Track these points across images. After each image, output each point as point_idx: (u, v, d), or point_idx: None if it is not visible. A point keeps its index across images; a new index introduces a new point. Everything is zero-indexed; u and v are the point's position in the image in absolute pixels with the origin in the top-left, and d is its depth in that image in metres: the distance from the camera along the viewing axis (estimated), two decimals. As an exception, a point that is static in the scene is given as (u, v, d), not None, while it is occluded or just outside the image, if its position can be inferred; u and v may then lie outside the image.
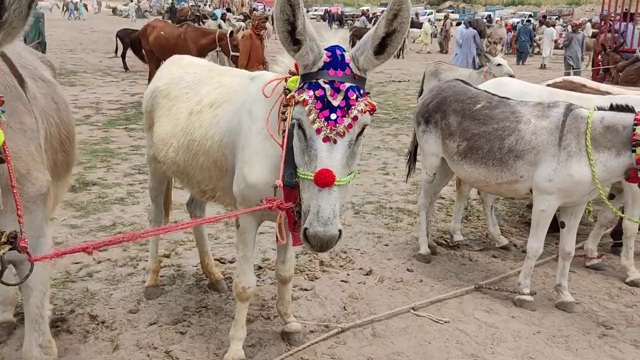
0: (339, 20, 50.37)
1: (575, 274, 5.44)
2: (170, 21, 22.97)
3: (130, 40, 17.28)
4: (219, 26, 18.28)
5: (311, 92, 2.53)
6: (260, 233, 5.61)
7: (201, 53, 13.09)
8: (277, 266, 3.89)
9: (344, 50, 2.66)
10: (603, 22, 15.99)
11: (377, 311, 4.49)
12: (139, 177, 7.86)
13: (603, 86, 6.38)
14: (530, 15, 45.27)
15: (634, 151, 4.07)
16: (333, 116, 2.51)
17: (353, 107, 2.52)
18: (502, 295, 4.85)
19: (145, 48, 14.21)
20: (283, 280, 3.89)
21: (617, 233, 5.94)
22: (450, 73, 10.44)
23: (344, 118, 2.51)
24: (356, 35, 29.77)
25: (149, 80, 12.62)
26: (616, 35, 15.43)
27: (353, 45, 2.73)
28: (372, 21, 34.65)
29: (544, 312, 4.65)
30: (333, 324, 4.19)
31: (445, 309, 4.61)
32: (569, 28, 27.05)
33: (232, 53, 12.99)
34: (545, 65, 27.03)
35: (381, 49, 2.57)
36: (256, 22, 11.54)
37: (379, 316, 4.38)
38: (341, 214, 2.59)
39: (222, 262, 5.25)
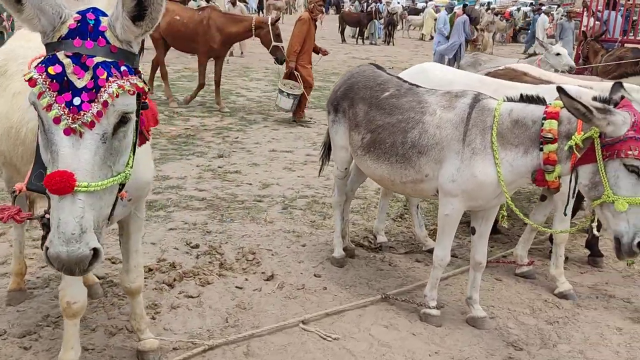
0: (335, 5, 46.45)
1: (502, 282, 4.94)
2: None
3: None
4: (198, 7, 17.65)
5: (43, 69, 1.97)
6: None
7: (229, 43, 11.58)
8: (120, 277, 3.36)
9: (103, 15, 2.10)
10: (586, 9, 15.30)
11: (263, 324, 3.99)
12: None
13: (547, 75, 5.83)
14: (531, 4, 44.26)
15: (541, 149, 3.53)
16: (76, 101, 1.96)
17: (103, 89, 1.98)
18: (410, 307, 4.33)
19: (153, 35, 11.33)
20: (129, 293, 3.37)
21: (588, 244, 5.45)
22: (491, 64, 8.69)
23: (92, 104, 1.97)
24: (345, 19, 29.13)
25: (151, 74, 11.78)
26: (598, 23, 14.79)
27: (342, 32, 2.11)
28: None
29: (450, 328, 4.15)
30: (200, 341, 3.67)
31: (340, 322, 4.11)
32: (564, 16, 26.35)
33: (273, 43, 10.77)
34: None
35: (140, 13, 2.02)
36: (312, 4, 10.29)
37: (260, 330, 3.88)
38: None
39: (112, 262, 4.73)
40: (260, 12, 32.98)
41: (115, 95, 1.98)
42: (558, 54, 8.85)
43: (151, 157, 3.17)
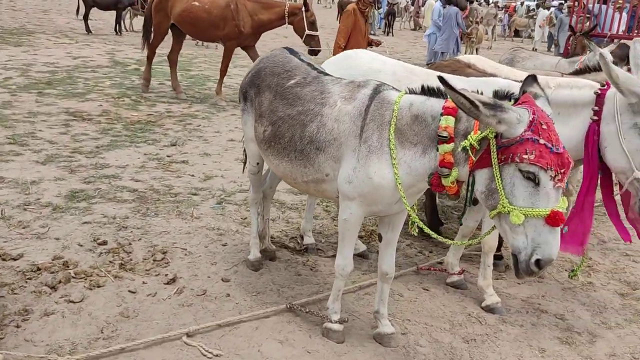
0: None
1: (428, 292, 4.49)
2: None
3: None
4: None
5: None
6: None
7: (259, 31, 10.32)
8: None
9: None
10: (576, 2, 14.66)
11: (143, 336, 3.56)
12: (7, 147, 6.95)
13: (496, 67, 5.32)
14: (536, -2, 43.19)
15: (438, 149, 3.07)
16: None
17: None
18: (316, 319, 3.89)
19: (161, 24, 10.28)
20: None
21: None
22: (531, 61, 8.13)
23: None
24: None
25: (147, 67, 10.75)
26: (589, 17, 14.17)
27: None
28: None
29: (353, 345, 3.71)
30: (54, 357, 3.25)
31: (231, 336, 3.67)
32: (563, 11, 25.63)
33: (307, 32, 9.82)
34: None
35: None
36: None
37: (134, 344, 3.45)
38: None
39: (3, 259, 4.31)
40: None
41: None
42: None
43: None
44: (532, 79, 3.15)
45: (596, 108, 3.73)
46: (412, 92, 3.28)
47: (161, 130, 8.51)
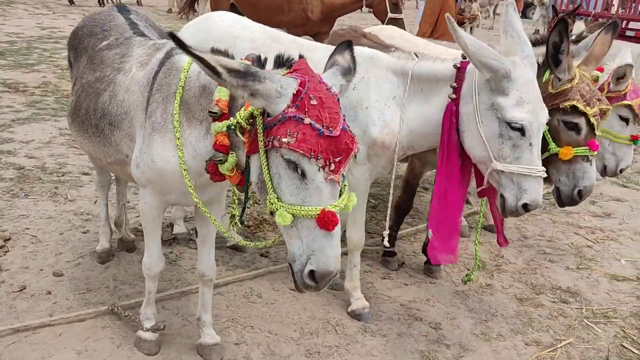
0: None
1: (296, 292, 3.87)
2: None
3: None
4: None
5: None
6: None
7: (332, 16, 8.36)
8: None
9: None
10: (561, -19, 13.71)
11: None
12: None
13: (402, 39, 4.64)
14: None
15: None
16: None
17: None
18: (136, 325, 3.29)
19: (220, 2, 8.59)
20: None
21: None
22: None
23: None
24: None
25: None
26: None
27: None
28: None
29: (169, 357, 3.12)
30: None
31: (25, 343, 3.11)
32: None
33: (389, 15, 7.97)
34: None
35: None
36: None
37: None
38: None
39: None
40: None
41: None
42: None
43: None
44: (345, 45, 2.50)
45: (455, 84, 3.05)
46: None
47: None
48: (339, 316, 3.67)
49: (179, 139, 2.56)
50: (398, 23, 7.70)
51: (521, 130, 2.82)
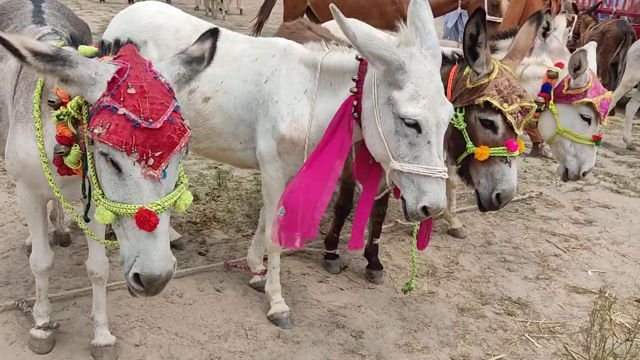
0: None
1: (220, 293, 3.73)
2: None
3: None
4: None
5: None
6: None
7: None
8: None
9: None
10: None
11: None
12: None
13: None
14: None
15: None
16: None
17: None
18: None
19: (297, 6, 7.63)
20: None
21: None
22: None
23: None
24: None
25: None
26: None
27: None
28: None
29: (57, 358, 2.98)
30: None
31: None
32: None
33: (488, 17, 6.25)
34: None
35: None
36: None
37: None
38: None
39: None
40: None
41: None
42: None
43: None
44: (208, 33, 2.32)
45: (357, 77, 2.81)
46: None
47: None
48: (256, 320, 3.47)
49: (39, 129, 2.41)
50: (495, 28, 6.31)
51: (417, 127, 2.57)
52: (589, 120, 3.90)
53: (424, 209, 2.64)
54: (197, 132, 3.36)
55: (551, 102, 3.93)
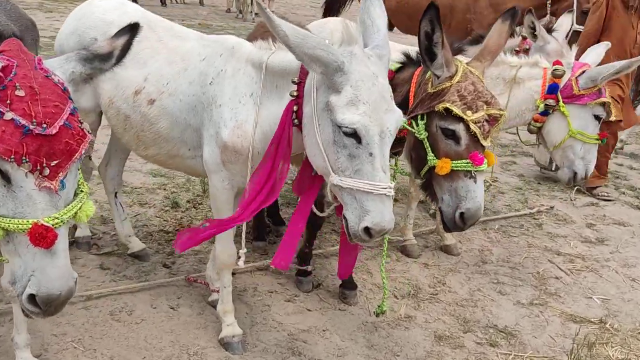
0: None
1: (175, 311, 3.43)
2: None
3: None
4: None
5: None
6: None
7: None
8: None
9: None
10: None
11: None
12: None
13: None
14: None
15: None
16: None
17: None
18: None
19: None
20: None
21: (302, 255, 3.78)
22: None
23: None
24: None
25: None
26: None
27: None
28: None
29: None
30: None
31: None
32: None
33: (574, 27, 5.54)
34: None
35: None
36: None
37: None
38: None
39: None
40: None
41: None
42: None
43: None
44: (126, 29, 2.06)
45: (297, 80, 2.47)
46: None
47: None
48: (205, 344, 3.15)
49: None
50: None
51: (356, 137, 2.21)
52: (599, 120, 3.65)
53: (366, 230, 2.28)
54: (144, 137, 3.09)
55: (561, 103, 3.62)
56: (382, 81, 2.30)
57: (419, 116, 2.65)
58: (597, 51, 3.88)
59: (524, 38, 4.49)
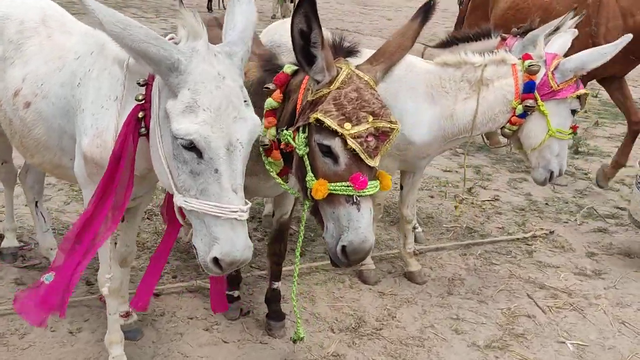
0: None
1: (74, 336, 3.06)
2: None
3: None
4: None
5: None
6: None
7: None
8: None
9: None
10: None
11: None
12: None
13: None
14: None
15: None
16: None
17: None
18: None
19: (477, 26, 4.64)
20: None
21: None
22: None
23: None
24: None
25: None
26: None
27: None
28: None
29: None
30: None
31: None
32: None
33: None
34: None
35: None
36: None
37: None
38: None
39: None
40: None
41: None
42: None
43: None
44: None
45: (143, 81, 2.08)
46: None
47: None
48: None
49: None
50: None
51: (195, 150, 1.81)
52: (575, 113, 3.35)
53: (215, 261, 1.86)
54: (26, 144, 2.78)
55: (540, 102, 3.24)
56: (231, 83, 1.88)
57: (300, 128, 2.19)
58: (564, 39, 3.45)
59: (503, 39, 3.93)
